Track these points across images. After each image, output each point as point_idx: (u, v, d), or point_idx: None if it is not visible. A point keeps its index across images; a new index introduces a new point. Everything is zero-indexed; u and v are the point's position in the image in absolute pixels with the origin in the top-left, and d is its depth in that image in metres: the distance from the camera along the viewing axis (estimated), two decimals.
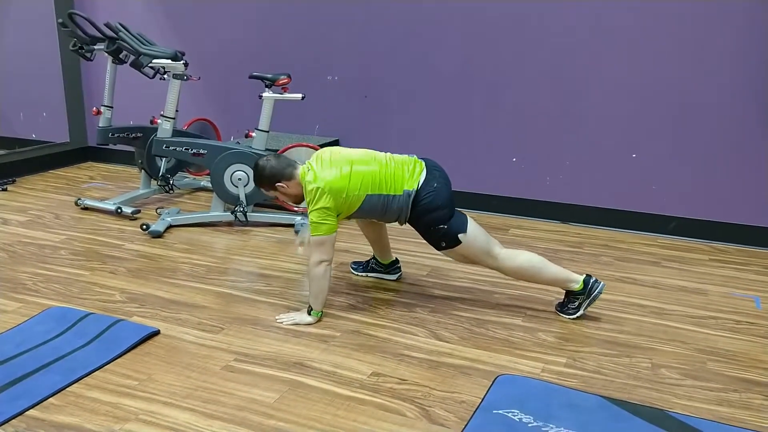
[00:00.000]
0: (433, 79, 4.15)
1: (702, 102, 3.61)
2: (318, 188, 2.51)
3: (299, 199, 2.68)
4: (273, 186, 2.65)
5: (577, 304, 2.69)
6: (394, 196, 2.59)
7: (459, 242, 2.62)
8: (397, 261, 3.11)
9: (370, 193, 2.57)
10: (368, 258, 3.16)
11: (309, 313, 2.62)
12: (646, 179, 3.81)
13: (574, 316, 2.70)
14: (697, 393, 2.21)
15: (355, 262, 3.19)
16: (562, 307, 2.74)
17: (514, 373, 2.29)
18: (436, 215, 2.60)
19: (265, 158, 2.68)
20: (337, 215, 2.56)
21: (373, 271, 3.12)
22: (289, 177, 2.63)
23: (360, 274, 3.14)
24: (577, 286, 2.66)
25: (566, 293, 2.72)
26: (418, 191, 2.59)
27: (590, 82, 3.81)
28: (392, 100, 4.30)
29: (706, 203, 3.72)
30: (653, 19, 3.61)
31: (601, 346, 2.50)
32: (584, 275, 2.68)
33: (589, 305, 2.69)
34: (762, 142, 3.55)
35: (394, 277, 3.10)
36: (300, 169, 2.63)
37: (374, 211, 2.63)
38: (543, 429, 1.96)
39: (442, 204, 2.60)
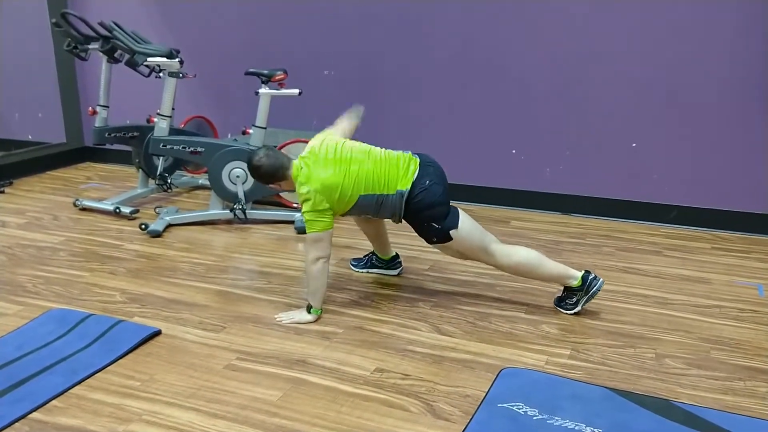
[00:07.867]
0: (431, 72, 4.13)
1: (702, 90, 3.59)
2: (310, 190, 2.51)
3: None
4: (269, 183, 2.68)
5: (575, 300, 2.67)
6: (387, 195, 2.57)
7: (450, 239, 2.61)
8: (397, 256, 3.10)
9: (363, 193, 2.56)
10: (367, 253, 3.14)
11: (308, 311, 2.61)
12: (647, 168, 3.80)
13: (573, 311, 2.68)
14: (701, 382, 2.20)
15: (354, 259, 3.18)
16: (561, 302, 2.72)
17: (519, 366, 2.28)
18: (429, 213, 2.59)
19: (257, 157, 2.62)
20: (332, 213, 2.56)
21: (373, 267, 3.11)
22: (282, 178, 2.63)
23: (361, 270, 3.12)
24: (576, 282, 2.64)
25: (564, 288, 2.70)
26: (410, 190, 2.56)
27: (590, 72, 3.79)
28: (390, 94, 4.27)
29: (708, 191, 3.70)
30: (652, 7, 3.59)
31: (604, 337, 2.49)
32: (583, 271, 2.65)
33: (587, 302, 2.66)
34: (762, 129, 3.53)
35: (395, 272, 3.08)
36: (293, 167, 2.60)
37: (368, 208, 2.63)
38: (548, 421, 1.95)
39: (435, 201, 2.58)
